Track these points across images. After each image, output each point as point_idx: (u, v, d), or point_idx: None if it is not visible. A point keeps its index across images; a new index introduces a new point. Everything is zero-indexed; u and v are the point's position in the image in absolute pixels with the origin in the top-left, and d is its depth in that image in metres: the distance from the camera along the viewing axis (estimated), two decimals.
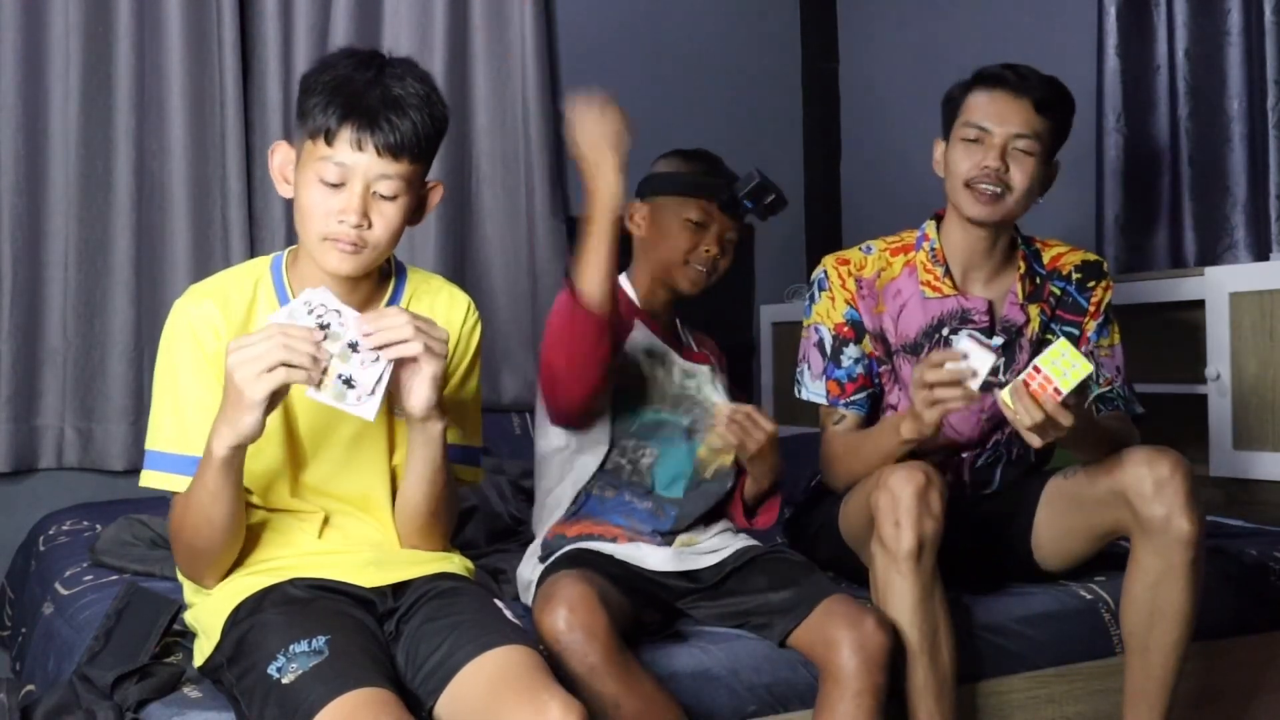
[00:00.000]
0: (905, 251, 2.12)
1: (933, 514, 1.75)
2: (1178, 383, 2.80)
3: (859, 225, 4.08)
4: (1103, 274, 2.14)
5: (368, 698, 1.36)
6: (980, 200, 2.00)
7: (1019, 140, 1.99)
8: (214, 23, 3.28)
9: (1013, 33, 3.48)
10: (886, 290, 2.10)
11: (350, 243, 1.53)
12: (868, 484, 1.86)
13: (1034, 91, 1.99)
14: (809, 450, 2.16)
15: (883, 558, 1.78)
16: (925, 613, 1.77)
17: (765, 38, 4.17)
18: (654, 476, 1.98)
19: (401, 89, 1.53)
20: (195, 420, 1.56)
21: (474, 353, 1.74)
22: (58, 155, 3.17)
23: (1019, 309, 2.08)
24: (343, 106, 1.51)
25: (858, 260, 2.12)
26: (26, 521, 2.97)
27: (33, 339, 3.14)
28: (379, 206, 1.54)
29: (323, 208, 1.53)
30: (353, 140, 1.51)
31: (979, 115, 2.01)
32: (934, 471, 1.79)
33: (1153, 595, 1.85)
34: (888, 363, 2.10)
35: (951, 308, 2.06)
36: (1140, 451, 1.86)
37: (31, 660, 2.12)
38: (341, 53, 1.60)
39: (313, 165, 1.53)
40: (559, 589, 1.66)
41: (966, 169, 2.01)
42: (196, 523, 1.52)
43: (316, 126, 1.52)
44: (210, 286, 1.64)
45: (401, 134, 1.51)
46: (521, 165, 3.62)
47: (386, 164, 1.52)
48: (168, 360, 1.60)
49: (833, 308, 2.09)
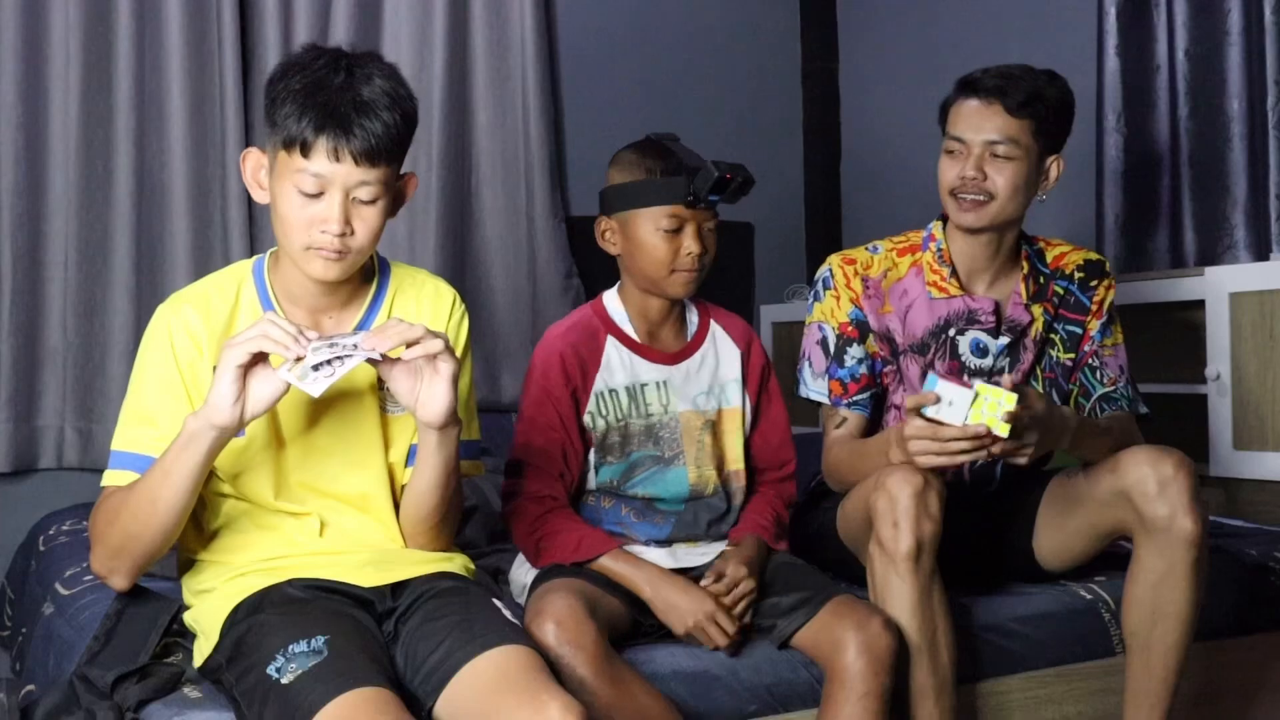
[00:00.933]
0: (912, 251, 2.12)
1: (931, 515, 1.75)
2: (1178, 383, 2.80)
3: (859, 225, 4.08)
4: (1105, 273, 2.14)
5: (367, 698, 1.36)
6: (963, 208, 2.01)
7: (994, 146, 1.99)
8: (214, 23, 3.28)
9: (1013, 33, 3.48)
10: (893, 290, 2.10)
11: (334, 250, 1.53)
12: (865, 485, 1.86)
13: (1006, 95, 1.98)
14: (809, 450, 2.16)
15: (881, 559, 1.78)
16: (924, 614, 1.77)
17: (765, 38, 4.17)
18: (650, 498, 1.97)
19: (370, 91, 1.52)
20: (155, 425, 1.58)
21: (465, 345, 1.74)
22: (58, 155, 3.17)
23: (1024, 309, 2.08)
24: (316, 117, 1.49)
25: (864, 259, 2.12)
26: (26, 521, 2.97)
27: (33, 339, 3.14)
28: (359, 211, 1.54)
29: (303, 218, 1.53)
30: (329, 150, 1.50)
31: (957, 126, 2.02)
32: (932, 473, 1.79)
33: (1155, 595, 1.85)
34: (893, 363, 2.09)
35: (958, 308, 2.06)
36: (1144, 451, 1.86)
37: (31, 660, 2.12)
38: (306, 53, 1.57)
39: (290, 176, 1.52)
40: (547, 603, 1.66)
41: (949, 180, 2.03)
42: (138, 502, 1.53)
43: (290, 137, 1.50)
44: (192, 293, 1.65)
45: (376, 139, 1.50)
46: (521, 165, 3.61)
47: (364, 171, 1.51)
48: (141, 364, 1.62)
49: (837, 307, 2.09)
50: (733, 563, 1.83)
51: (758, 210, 3.91)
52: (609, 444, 1.94)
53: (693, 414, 1.97)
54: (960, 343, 2.07)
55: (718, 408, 2.00)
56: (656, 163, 1.91)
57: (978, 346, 2.07)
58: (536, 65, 3.61)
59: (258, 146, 1.62)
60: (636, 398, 1.95)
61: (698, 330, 2.03)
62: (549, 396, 1.91)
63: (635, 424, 1.95)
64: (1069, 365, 2.11)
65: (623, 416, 1.94)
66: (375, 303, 1.69)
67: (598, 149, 3.72)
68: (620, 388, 1.94)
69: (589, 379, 1.93)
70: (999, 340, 2.06)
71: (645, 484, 1.95)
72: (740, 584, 1.80)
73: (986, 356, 2.07)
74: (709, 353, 2.02)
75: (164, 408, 1.59)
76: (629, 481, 1.95)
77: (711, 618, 1.77)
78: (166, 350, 1.60)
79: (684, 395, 1.97)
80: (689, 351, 2.01)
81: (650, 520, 1.95)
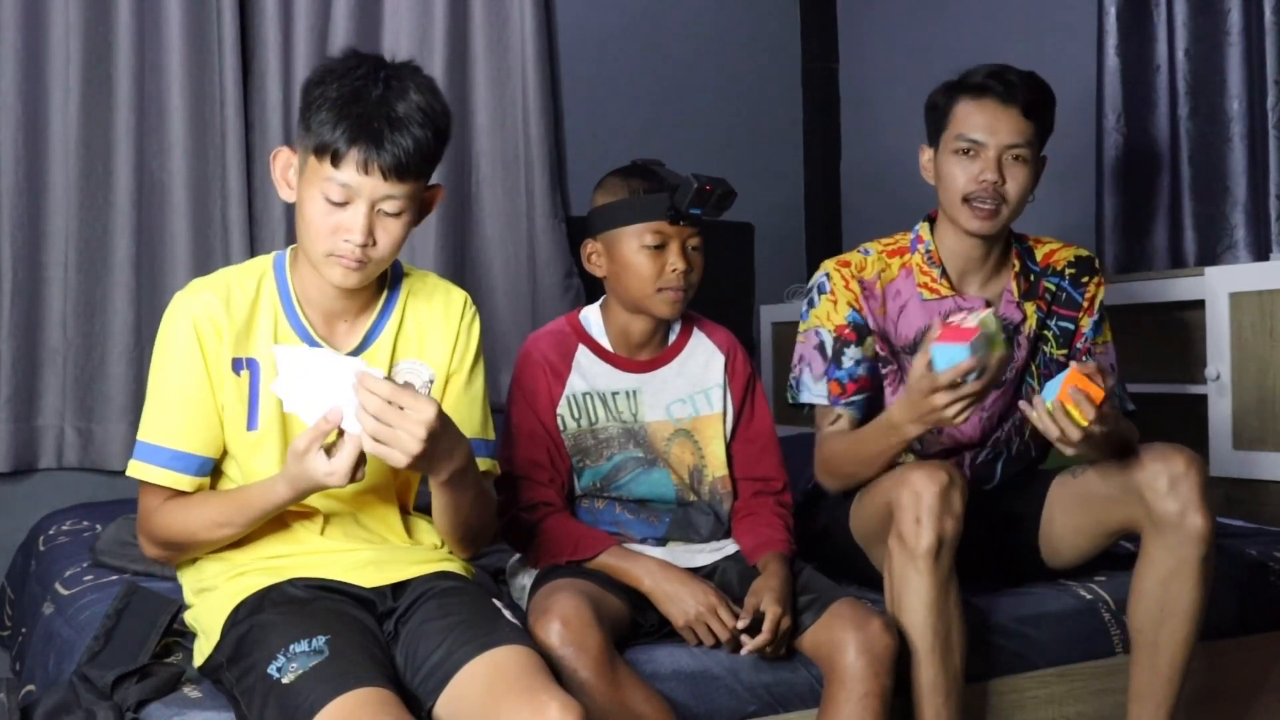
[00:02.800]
0: (900, 254, 2.11)
1: (953, 513, 1.76)
2: (1178, 383, 2.80)
3: (859, 225, 4.08)
4: (1095, 270, 2.14)
5: (367, 698, 1.36)
6: (978, 216, 1.99)
7: (1012, 150, 1.98)
8: (214, 23, 3.28)
9: (1013, 33, 3.47)
10: (887, 291, 2.09)
11: (355, 260, 1.54)
12: (885, 482, 1.86)
13: (1020, 98, 1.97)
14: (808, 451, 2.16)
15: (900, 554, 1.77)
16: (940, 612, 1.77)
17: (765, 38, 4.17)
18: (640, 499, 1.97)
19: (405, 106, 1.52)
20: (181, 416, 1.59)
21: (476, 348, 1.74)
22: (58, 155, 3.17)
23: (1015, 307, 2.08)
24: (350, 129, 1.50)
25: (858, 262, 2.11)
26: (26, 521, 2.97)
27: (33, 339, 3.14)
28: (383, 223, 1.55)
29: (328, 224, 1.54)
30: (359, 163, 1.50)
31: (969, 127, 1.99)
32: (956, 471, 1.79)
33: (1163, 591, 1.85)
34: (893, 363, 2.09)
35: (949, 308, 2.05)
36: (1154, 448, 1.86)
37: (31, 660, 2.12)
38: (345, 59, 1.58)
39: (318, 183, 1.53)
40: (553, 602, 1.66)
41: (963, 184, 1.99)
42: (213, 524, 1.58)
43: (323, 144, 1.51)
44: (212, 282, 1.64)
45: (407, 155, 1.51)
46: (521, 165, 3.61)
47: (392, 186, 1.52)
48: (163, 353, 1.61)
49: (834, 310, 2.08)
50: (768, 599, 1.76)
51: (758, 210, 3.92)
52: (584, 448, 1.95)
53: (662, 424, 1.97)
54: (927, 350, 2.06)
55: (694, 414, 1.99)
56: (640, 182, 1.92)
57: None
58: (536, 65, 3.61)
59: (289, 146, 1.63)
60: (609, 404, 1.96)
61: (677, 338, 2.03)
62: (528, 401, 1.93)
63: (612, 428, 1.95)
64: (1062, 362, 2.11)
65: (595, 421, 1.95)
66: (387, 309, 1.69)
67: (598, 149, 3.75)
68: (592, 393, 1.95)
69: (561, 382, 1.94)
70: None
71: (632, 485, 1.96)
72: (781, 623, 1.75)
73: None
74: (688, 359, 2.02)
75: (190, 397, 1.59)
76: (615, 483, 1.96)
77: (713, 610, 1.77)
78: (189, 335, 1.59)
79: (656, 403, 1.98)
80: (664, 359, 2.01)
81: (644, 519, 1.96)
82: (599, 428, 1.95)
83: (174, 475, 1.59)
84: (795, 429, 2.72)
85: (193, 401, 1.58)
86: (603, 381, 1.96)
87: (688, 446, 1.98)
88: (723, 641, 1.78)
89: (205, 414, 1.59)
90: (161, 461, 1.58)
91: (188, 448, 1.59)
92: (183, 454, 1.59)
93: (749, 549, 1.93)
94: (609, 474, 1.95)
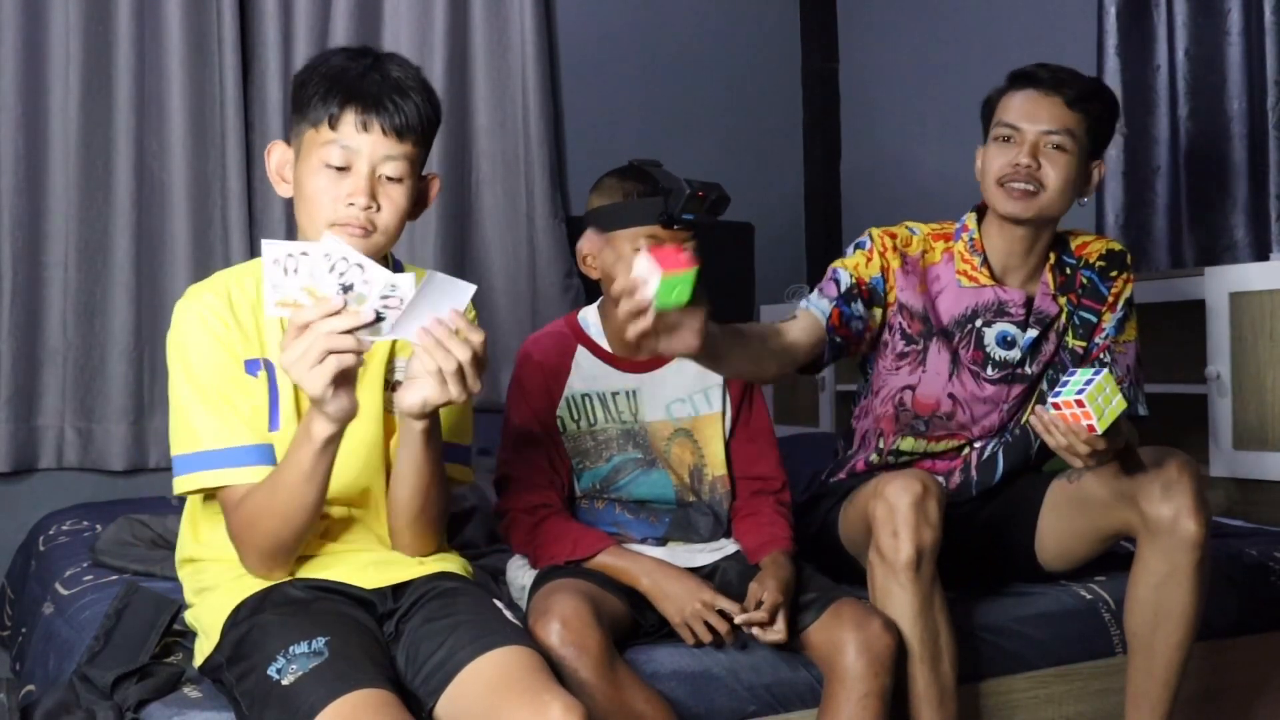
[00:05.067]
0: (945, 239, 2.10)
1: (930, 523, 1.75)
2: (1178, 383, 2.80)
3: (859, 225, 4.07)
4: (1125, 265, 2.12)
5: (368, 699, 1.36)
6: (1013, 196, 1.99)
7: (1050, 137, 1.97)
8: (214, 23, 3.28)
9: (1013, 33, 3.48)
10: (929, 272, 2.09)
11: (360, 226, 1.53)
12: (865, 492, 1.85)
13: (1065, 88, 1.98)
14: (808, 451, 2.16)
15: (881, 568, 1.77)
16: (925, 621, 1.77)
17: (765, 38, 4.17)
18: (640, 499, 1.97)
19: (400, 73, 1.56)
20: (228, 411, 1.54)
21: None
22: (58, 155, 3.17)
23: (1051, 300, 2.08)
24: (344, 92, 1.52)
25: (904, 236, 2.09)
26: (26, 521, 2.97)
27: (33, 339, 3.15)
28: (386, 189, 1.55)
29: (330, 193, 1.53)
30: (357, 123, 1.52)
31: (1011, 114, 2.00)
32: (931, 480, 1.78)
33: (1158, 596, 1.84)
34: (917, 343, 2.08)
35: (988, 299, 2.05)
36: (1148, 452, 1.85)
37: (31, 660, 2.12)
38: (332, 50, 1.62)
39: (316, 151, 1.53)
40: (553, 603, 1.66)
41: (998, 167, 2.00)
42: (288, 510, 1.48)
43: (318, 115, 1.53)
44: (211, 284, 1.63)
45: (405, 115, 1.53)
46: (521, 165, 3.62)
47: (391, 144, 1.53)
48: (182, 359, 1.56)
49: (864, 266, 2.05)
50: (771, 586, 1.77)
51: (758, 210, 3.92)
52: (582, 449, 1.95)
53: (662, 424, 1.97)
54: (986, 334, 2.05)
55: (694, 414, 1.99)
56: (635, 185, 1.91)
57: (1004, 339, 2.06)
58: (536, 65, 3.62)
59: (283, 141, 1.63)
60: (608, 405, 1.96)
61: None
62: (527, 402, 1.93)
63: (611, 429, 1.95)
64: (1079, 353, 2.09)
65: (594, 422, 1.95)
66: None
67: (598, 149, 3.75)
68: (592, 394, 1.95)
69: (560, 383, 1.94)
70: (1027, 334, 2.05)
71: (631, 486, 1.96)
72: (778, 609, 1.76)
73: (1013, 349, 2.06)
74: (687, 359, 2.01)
75: (225, 390, 1.54)
76: (614, 484, 1.95)
77: (709, 607, 1.77)
78: (204, 333, 1.56)
79: (655, 404, 1.97)
80: (663, 359, 1.97)
81: (644, 520, 1.96)
82: (598, 429, 1.95)
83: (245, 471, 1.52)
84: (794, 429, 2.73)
85: (234, 393, 1.54)
86: (602, 382, 1.96)
87: (688, 446, 1.98)
88: (722, 636, 1.77)
89: (250, 399, 1.54)
90: (226, 463, 1.52)
91: (249, 440, 1.53)
92: (242, 449, 1.53)
93: (752, 548, 1.93)
94: (608, 475, 1.95)
